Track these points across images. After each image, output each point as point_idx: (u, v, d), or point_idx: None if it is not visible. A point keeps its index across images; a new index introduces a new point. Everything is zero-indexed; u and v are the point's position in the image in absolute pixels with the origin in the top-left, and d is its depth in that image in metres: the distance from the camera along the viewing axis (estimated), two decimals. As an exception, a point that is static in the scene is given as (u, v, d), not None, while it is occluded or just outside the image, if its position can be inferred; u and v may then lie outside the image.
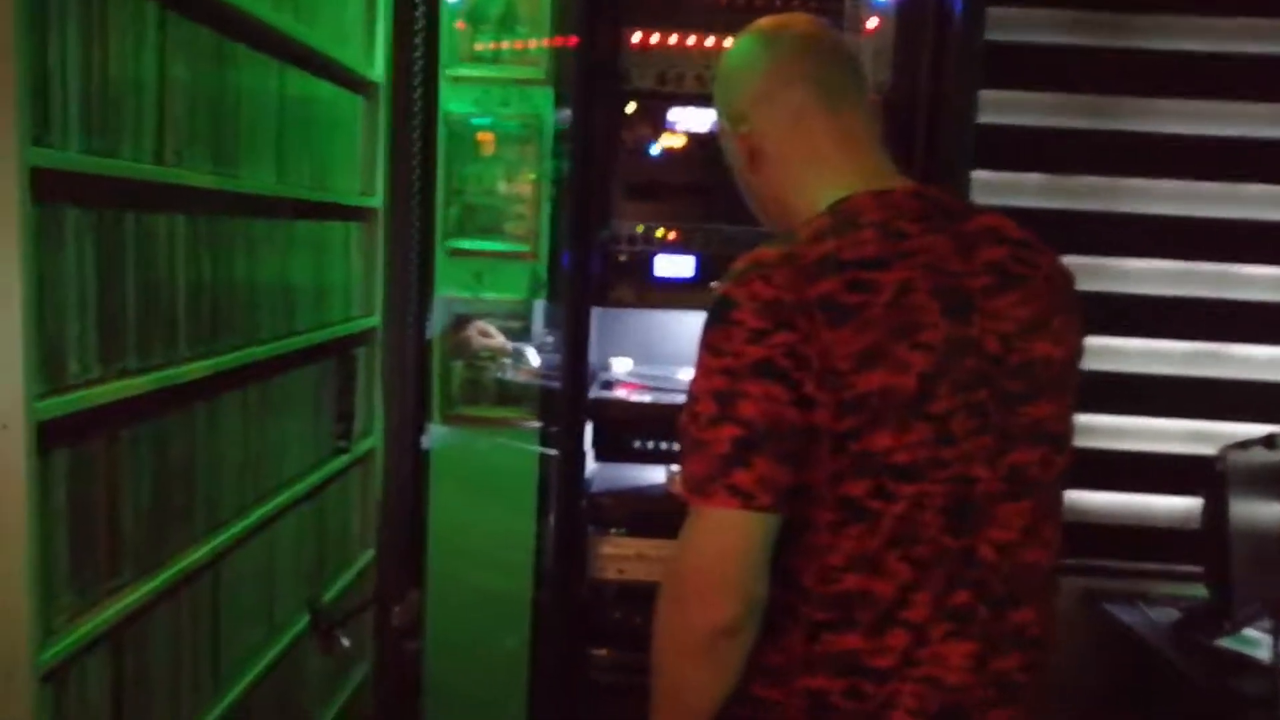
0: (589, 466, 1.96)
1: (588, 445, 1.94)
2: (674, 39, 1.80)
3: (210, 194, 1.74)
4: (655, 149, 1.85)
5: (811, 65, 1.16)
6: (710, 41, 1.78)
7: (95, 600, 1.46)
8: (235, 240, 1.86)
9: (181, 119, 1.64)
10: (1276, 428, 2.22)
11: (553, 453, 1.75)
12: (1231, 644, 2.13)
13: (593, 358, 2.01)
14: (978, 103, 1.94)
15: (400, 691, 1.40)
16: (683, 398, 1.06)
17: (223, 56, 1.77)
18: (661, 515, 1.02)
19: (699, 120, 1.83)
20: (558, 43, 2.32)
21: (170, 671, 1.66)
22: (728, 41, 1.26)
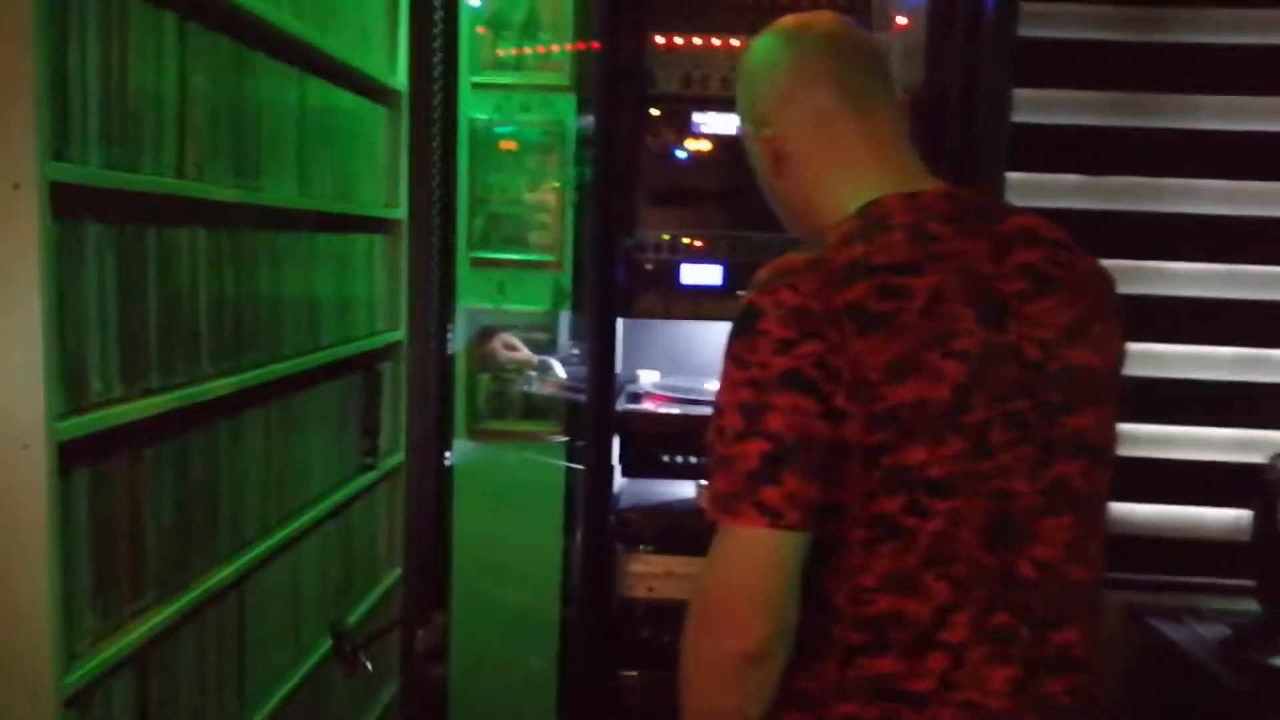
0: (616, 481, 1.92)
1: (615, 460, 1.89)
2: (699, 40, 1.76)
3: (232, 207, 1.73)
4: (681, 154, 1.81)
5: (836, 64, 1.13)
6: (736, 42, 1.74)
7: (119, 622, 1.44)
8: (258, 254, 1.85)
9: (202, 131, 1.63)
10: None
11: (579, 468, 1.71)
12: (1285, 661, 2.06)
13: (619, 369, 1.97)
14: (1012, 101, 1.90)
15: (426, 716, 1.37)
16: (711, 410, 1.02)
17: (243, 67, 1.76)
18: (691, 532, 0.98)
19: (725, 123, 1.78)
20: (580, 48, 2.30)
21: (196, 694, 1.64)
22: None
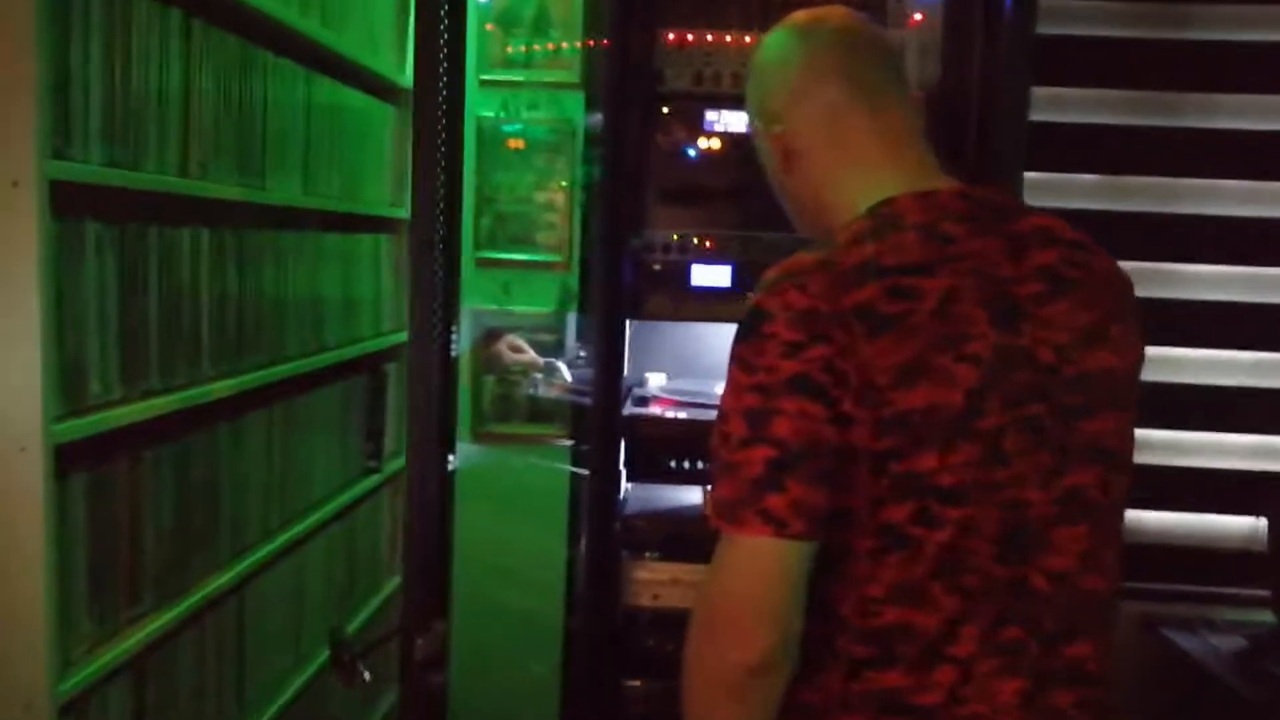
0: (623, 486, 1.89)
1: (621, 464, 1.86)
2: (710, 37, 1.73)
3: (236, 206, 1.71)
4: (691, 152, 1.77)
5: (848, 60, 1.10)
6: (748, 38, 1.70)
7: (116, 628, 1.43)
8: (262, 254, 1.82)
9: (207, 129, 1.61)
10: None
11: (584, 472, 1.67)
12: (1304, 673, 2.02)
13: (627, 372, 1.94)
14: (1030, 99, 1.86)
15: (427, 726, 1.35)
16: (716, 414, 0.99)
17: (249, 65, 1.74)
18: (698, 539, 0.96)
19: (737, 121, 1.75)
20: (590, 45, 2.27)
21: (194, 701, 1.62)
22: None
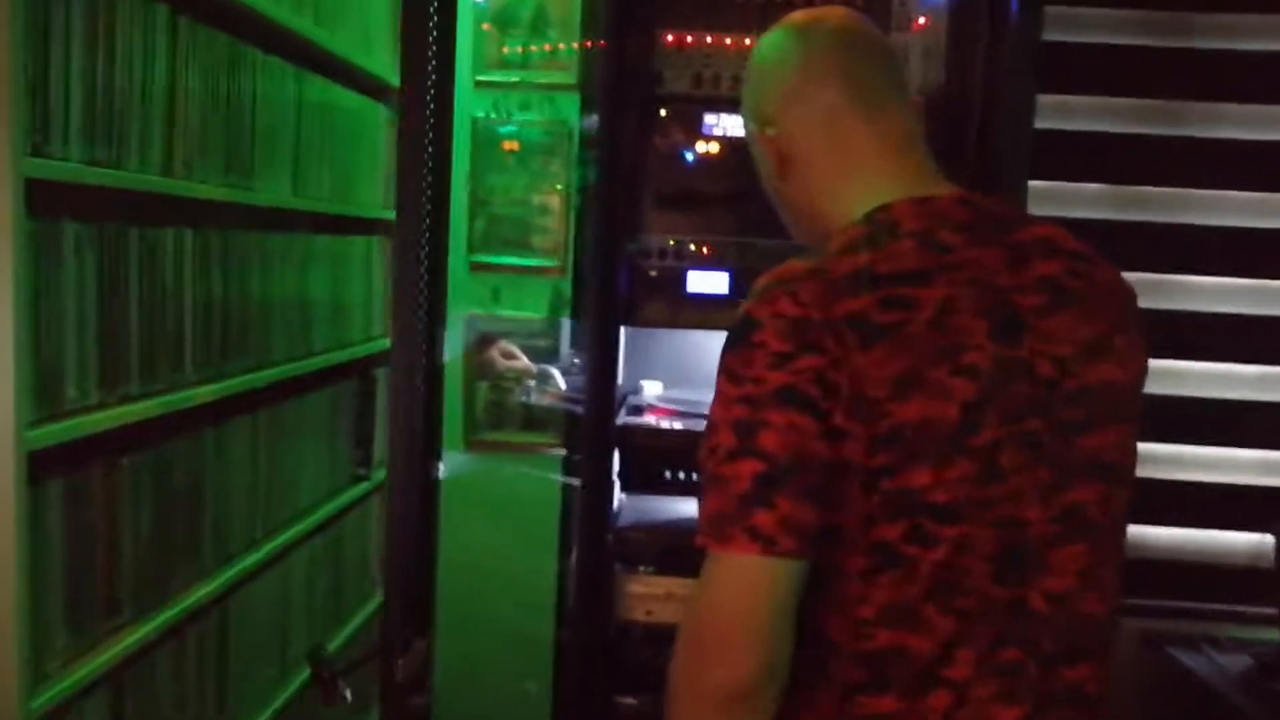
0: (616, 497, 1.85)
1: (615, 475, 1.82)
2: (710, 39, 1.69)
3: (222, 206, 1.67)
4: (689, 156, 1.73)
5: (846, 62, 1.07)
6: (749, 40, 1.67)
7: (93, 641, 1.39)
8: (249, 255, 1.78)
9: (193, 128, 1.57)
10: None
11: (576, 482, 1.63)
12: (1311, 693, 1.98)
13: (621, 380, 1.90)
14: (1035, 107, 1.83)
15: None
16: (705, 426, 0.96)
17: (237, 62, 1.70)
18: (693, 552, 0.92)
19: (736, 125, 1.71)
20: (588, 46, 2.23)
21: (174, 716, 1.58)
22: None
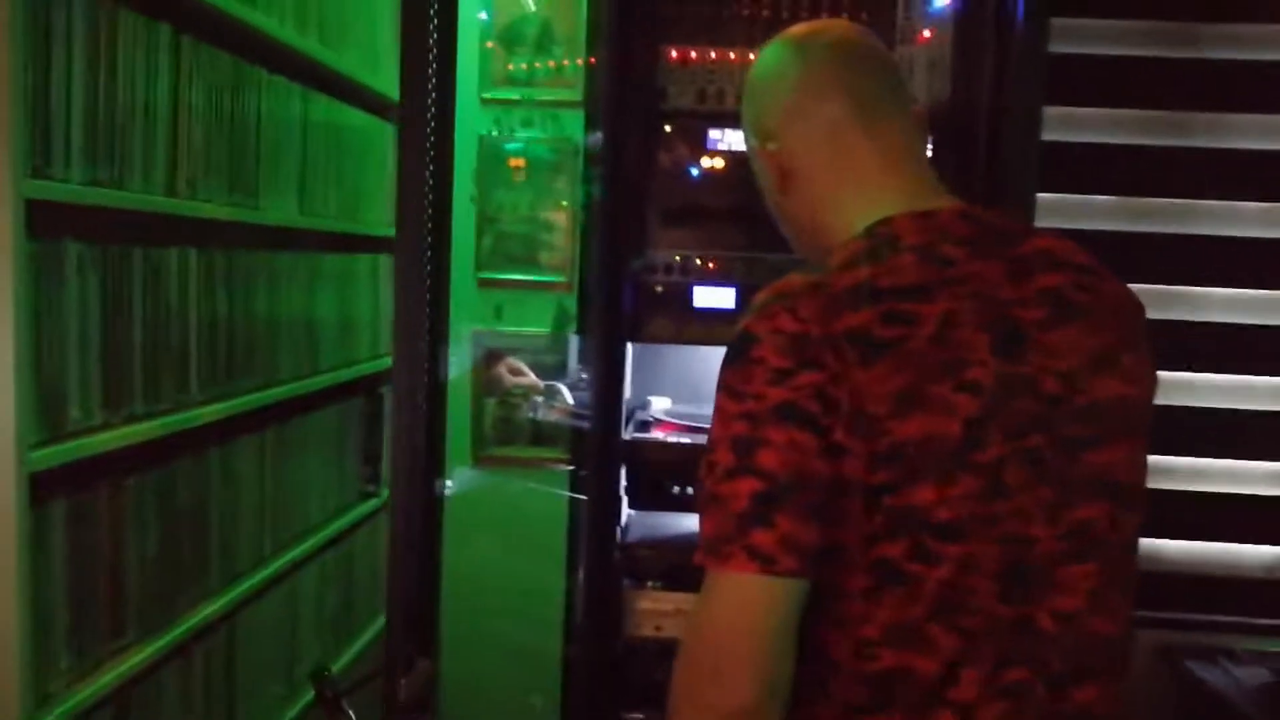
0: (624, 513, 1.83)
1: (623, 491, 1.81)
2: (714, 54, 1.69)
3: (227, 226, 1.67)
4: (694, 171, 1.73)
5: (847, 75, 1.05)
6: (753, 55, 1.66)
7: (98, 661, 1.39)
8: (255, 274, 1.79)
9: (197, 148, 1.58)
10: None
11: (582, 498, 1.63)
12: (1332, 708, 1.95)
13: (630, 395, 1.89)
14: (1042, 118, 1.81)
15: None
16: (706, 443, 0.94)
17: (242, 82, 1.71)
18: (702, 568, 0.90)
19: (740, 140, 1.70)
20: (593, 63, 2.23)
21: (179, 735, 1.58)
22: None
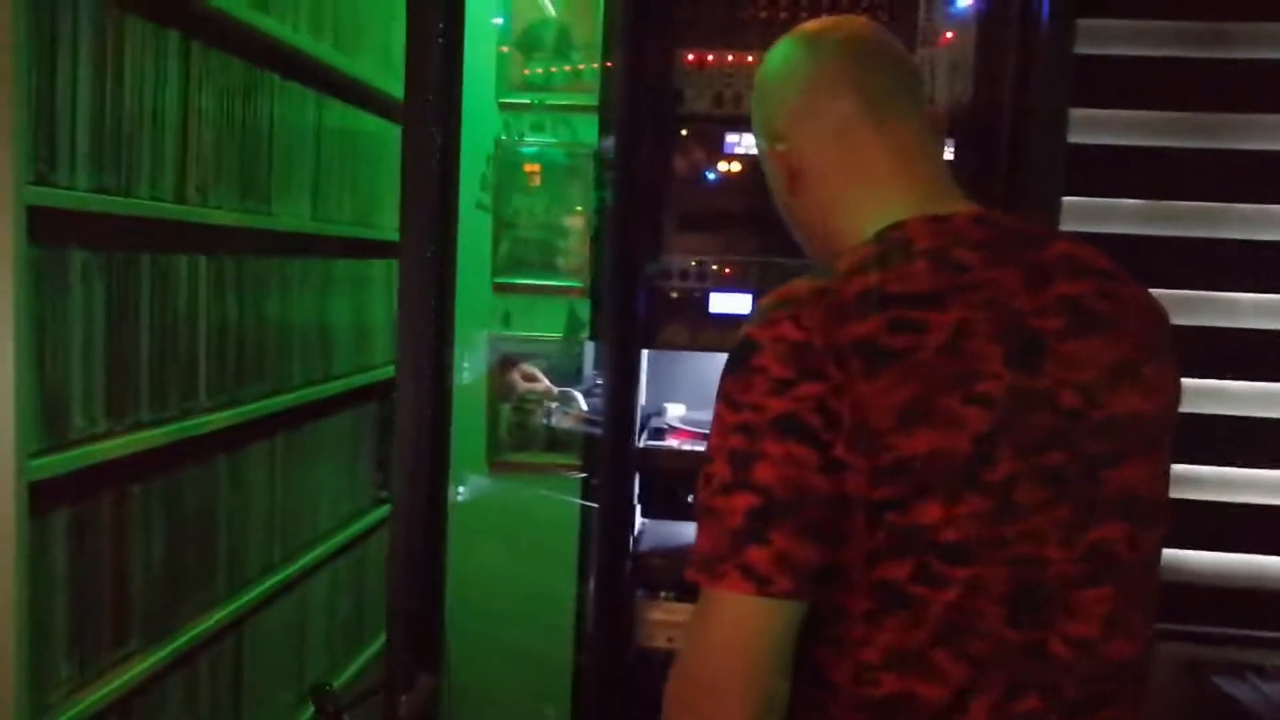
0: (637, 522, 1.80)
1: (636, 499, 1.78)
2: (731, 57, 1.65)
3: (237, 232, 1.66)
4: (711, 176, 1.69)
5: (858, 73, 1.00)
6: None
7: (100, 670, 1.38)
8: (266, 281, 1.77)
9: (207, 154, 1.57)
10: None
11: (593, 505, 1.60)
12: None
13: (644, 402, 1.86)
14: (1068, 121, 1.76)
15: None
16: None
17: (254, 88, 1.70)
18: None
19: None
20: (610, 67, 2.21)
21: (184, 745, 1.56)
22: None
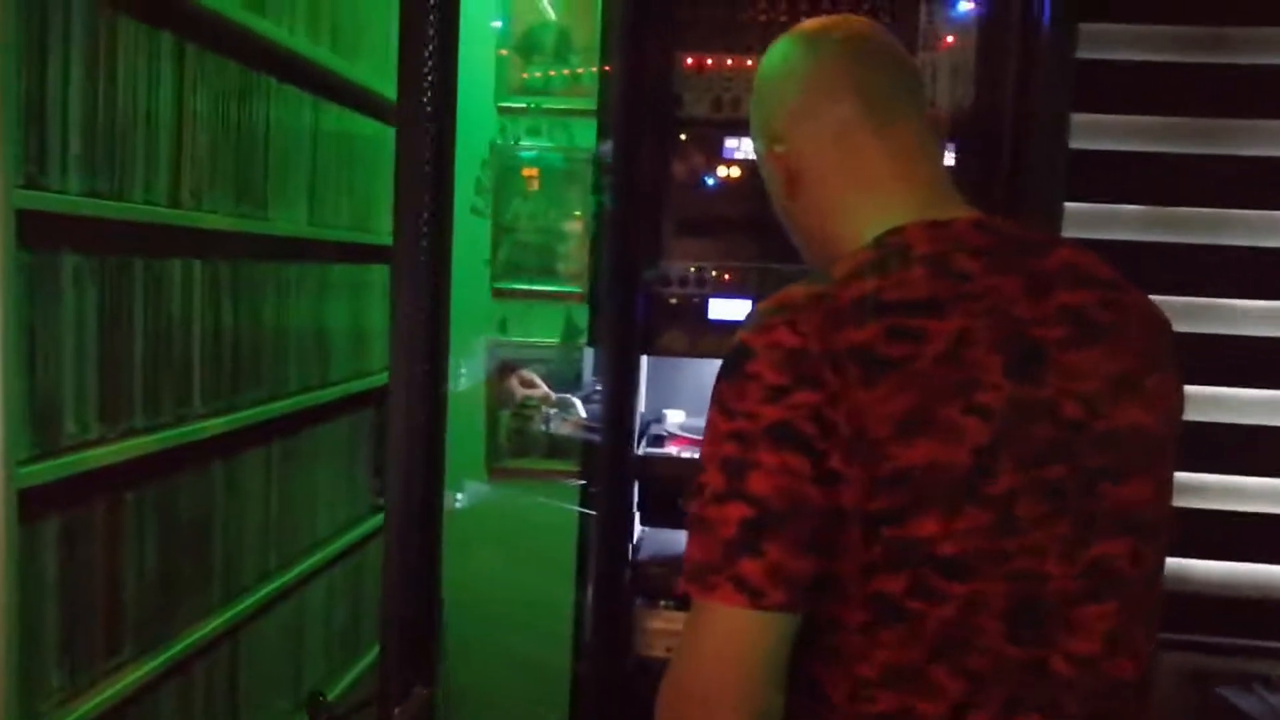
0: (636, 530, 1.79)
1: (635, 506, 1.76)
2: (730, 61, 1.64)
3: (232, 236, 1.64)
4: (710, 181, 1.68)
5: (858, 73, 0.99)
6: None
7: (91, 680, 1.37)
8: (262, 286, 1.76)
9: (201, 157, 1.55)
10: None
11: (591, 514, 1.58)
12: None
13: (644, 409, 1.85)
14: (1070, 126, 1.74)
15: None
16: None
17: (249, 91, 1.68)
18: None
19: (757, 149, 1.66)
20: (608, 71, 2.20)
21: (177, 755, 1.55)
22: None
